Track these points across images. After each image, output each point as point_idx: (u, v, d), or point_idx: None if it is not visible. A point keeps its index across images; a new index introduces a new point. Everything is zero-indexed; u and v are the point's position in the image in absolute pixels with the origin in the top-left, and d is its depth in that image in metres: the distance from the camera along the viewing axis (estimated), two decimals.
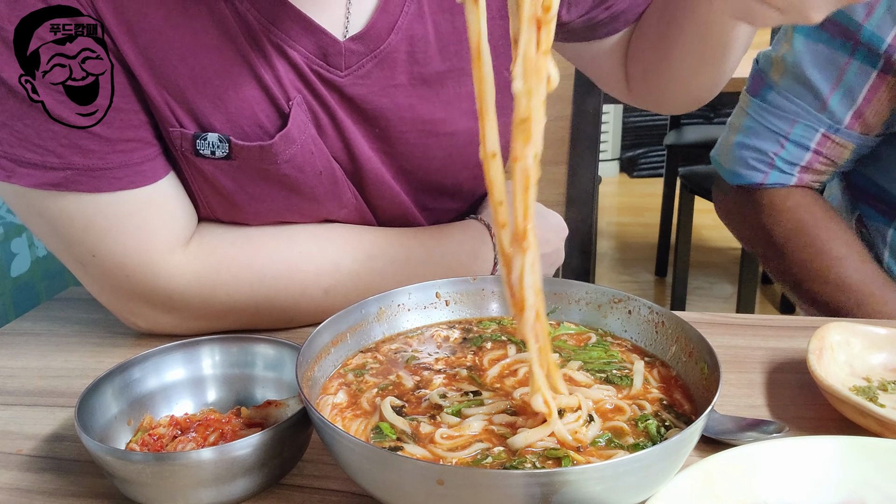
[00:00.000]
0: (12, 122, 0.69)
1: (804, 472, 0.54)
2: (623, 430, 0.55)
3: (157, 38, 0.71)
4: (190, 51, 0.72)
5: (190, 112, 0.74)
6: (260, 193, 0.80)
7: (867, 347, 0.73)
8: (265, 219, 0.83)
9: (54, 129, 0.69)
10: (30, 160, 0.70)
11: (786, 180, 1.13)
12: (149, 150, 0.75)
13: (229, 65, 0.73)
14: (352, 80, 0.78)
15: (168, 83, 0.73)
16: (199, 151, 0.76)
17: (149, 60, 0.71)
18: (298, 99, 0.76)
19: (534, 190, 0.49)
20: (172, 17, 0.70)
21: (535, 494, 0.45)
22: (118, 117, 0.72)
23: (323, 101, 0.78)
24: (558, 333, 0.69)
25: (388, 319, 0.69)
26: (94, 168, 0.72)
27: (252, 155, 0.76)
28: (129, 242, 0.76)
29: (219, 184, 0.79)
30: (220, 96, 0.74)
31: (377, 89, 0.79)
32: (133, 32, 0.70)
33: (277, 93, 0.75)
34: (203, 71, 0.73)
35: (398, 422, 0.56)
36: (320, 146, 0.79)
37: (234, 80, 0.73)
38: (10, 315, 1.16)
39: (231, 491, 0.56)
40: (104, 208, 0.74)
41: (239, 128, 0.75)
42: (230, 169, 0.77)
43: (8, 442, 0.67)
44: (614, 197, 4.54)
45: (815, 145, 1.10)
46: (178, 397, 0.67)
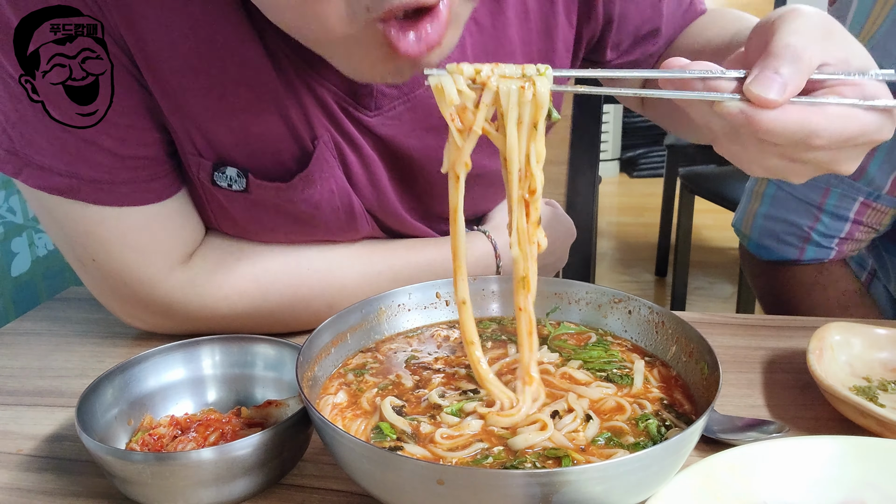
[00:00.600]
0: (24, 123, 0.69)
1: (804, 472, 0.54)
2: (623, 430, 0.55)
3: (184, 69, 0.69)
4: (216, 84, 0.70)
5: (211, 144, 0.73)
6: (274, 225, 0.79)
7: (867, 347, 0.73)
8: (275, 241, 0.82)
9: (65, 136, 0.69)
10: (38, 163, 0.70)
11: (824, 255, 1.01)
12: (159, 168, 0.74)
13: (256, 100, 0.71)
14: (381, 120, 0.76)
15: (191, 114, 0.71)
16: (215, 182, 0.75)
17: (173, 90, 0.70)
18: (326, 138, 0.74)
19: (535, 334, 0.58)
20: (201, 50, 0.68)
21: (535, 494, 0.45)
22: (132, 135, 0.71)
23: (350, 137, 0.76)
24: (558, 333, 0.69)
25: (388, 319, 0.69)
26: (101, 181, 0.71)
27: (269, 193, 0.75)
28: (129, 256, 0.76)
29: (232, 211, 0.78)
30: (244, 131, 0.72)
31: (407, 130, 0.77)
32: (158, 62, 0.68)
33: (303, 130, 0.73)
34: (228, 105, 0.71)
35: (398, 422, 0.56)
36: (342, 184, 0.77)
37: (260, 115, 0.71)
38: (10, 315, 1.16)
39: (231, 491, 0.56)
40: (107, 221, 0.73)
41: (260, 163, 0.74)
42: (245, 201, 0.76)
43: (8, 442, 0.67)
44: (614, 197, 4.53)
45: (855, 215, 0.97)
46: (178, 397, 0.67)
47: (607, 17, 0.85)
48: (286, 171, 0.75)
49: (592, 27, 0.85)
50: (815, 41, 0.53)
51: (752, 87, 0.50)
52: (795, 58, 0.51)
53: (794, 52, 0.51)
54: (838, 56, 0.54)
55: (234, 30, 0.68)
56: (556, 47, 0.83)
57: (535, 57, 0.82)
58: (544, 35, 0.81)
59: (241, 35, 0.68)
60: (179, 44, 0.68)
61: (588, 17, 0.84)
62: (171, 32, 0.67)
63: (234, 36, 0.68)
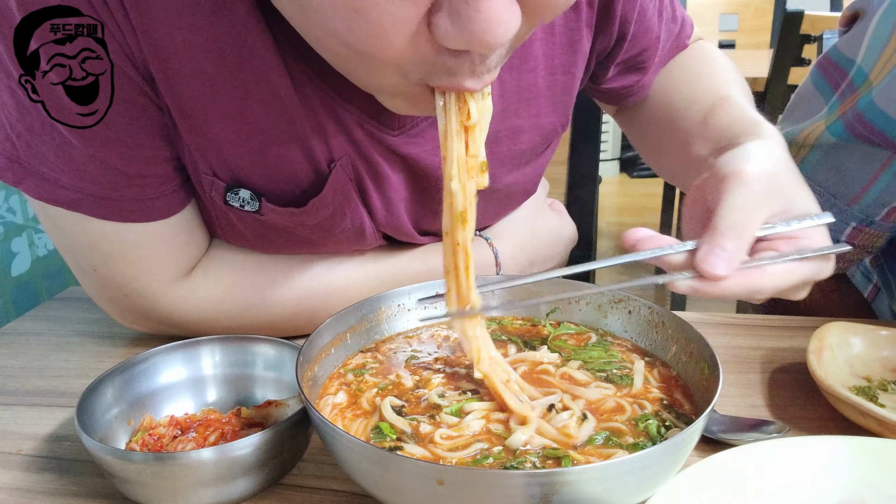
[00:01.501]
0: (32, 133, 0.68)
1: (804, 472, 0.54)
2: (622, 431, 0.55)
3: (207, 91, 0.68)
4: (237, 105, 0.69)
5: (226, 164, 0.72)
6: (283, 243, 0.79)
7: (867, 347, 0.73)
8: (282, 254, 0.82)
9: (71, 150, 0.68)
10: (43, 174, 0.69)
11: None
12: (167, 185, 0.73)
13: (276, 121, 0.70)
14: (405, 139, 0.75)
15: (210, 135, 0.70)
16: (228, 202, 0.74)
17: (192, 110, 0.69)
18: (343, 161, 0.73)
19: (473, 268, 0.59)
20: (225, 73, 0.67)
21: (535, 494, 0.45)
22: (140, 152, 0.70)
23: (369, 160, 0.75)
24: (558, 333, 0.69)
25: (388, 319, 0.69)
26: (106, 197, 0.70)
27: (282, 217, 0.75)
28: (130, 270, 0.75)
29: (242, 228, 0.77)
30: (262, 152, 0.71)
31: (430, 148, 0.77)
32: (180, 83, 0.67)
33: (321, 152, 0.72)
34: (247, 126, 0.70)
35: (398, 422, 0.56)
36: (354, 206, 0.77)
37: (278, 136, 0.71)
38: (10, 315, 1.16)
39: (231, 491, 0.56)
40: (109, 235, 0.73)
41: (275, 183, 0.73)
42: (256, 222, 0.76)
43: (8, 442, 0.67)
44: (614, 197, 4.53)
45: (847, 238, 0.95)
46: (178, 397, 0.67)
47: (621, 34, 0.85)
48: (301, 194, 0.74)
49: (606, 42, 0.85)
50: (758, 208, 0.58)
51: (703, 265, 0.55)
52: (738, 235, 0.56)
53: (737, 230, 0.56)
54: (779, 208, 0.59)
55: (259, 54, 0.67)
56: (577, 61, 0.83)
57: (558, 70, 0.81)
58: (569, 49, 0.81)
59: (265, 59, 0.67)
60: (204, 66, 0.67)
61: (604, 31, 0.83)
62: (195, 55, 0.66)
63: (260, 60, 0.67)
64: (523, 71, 0.78)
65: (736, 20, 3.36)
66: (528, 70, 0.79)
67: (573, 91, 0.85)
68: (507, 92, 0.78)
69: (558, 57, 0.81)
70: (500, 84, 0.78)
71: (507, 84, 0.78)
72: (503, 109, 0.79)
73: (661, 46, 0.92)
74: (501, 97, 0.78)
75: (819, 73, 0.93)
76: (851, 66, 0.87)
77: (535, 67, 0.79)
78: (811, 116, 0.92)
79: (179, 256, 0.77)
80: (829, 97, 0.90)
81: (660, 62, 0.93)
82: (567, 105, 0.85)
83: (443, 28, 0.48)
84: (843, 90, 0.88)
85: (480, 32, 0.46)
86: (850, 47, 0.88)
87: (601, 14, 0.82)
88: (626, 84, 0.93)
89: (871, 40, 0.86)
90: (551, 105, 0.83)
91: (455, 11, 0.47)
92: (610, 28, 0.83)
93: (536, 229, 0.96)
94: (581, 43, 0.82)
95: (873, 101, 0.83)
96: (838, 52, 0.90)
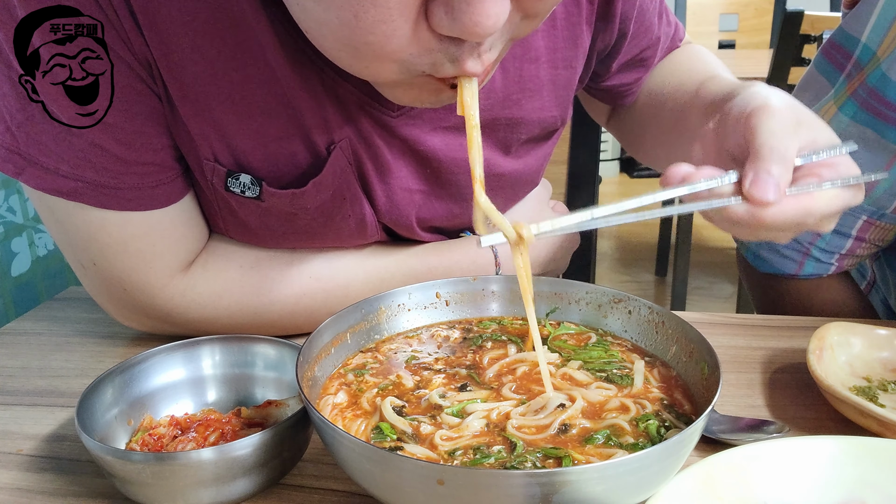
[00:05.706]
0: (32, 123, 0.68)
1: (804, 472, 0.54)
2: (623, 430, 0.55)
3: (208, 74, 0.69)
4: (238, 89, 0.70)
5: (228, 147, 0.73)
6: (284, 231, 0.79)
7: (867, 347, 0.73)
8: (283, 246, 0.82)
9: (71, 139, 0.68)
10: (42, 163, 0.69)
11: (823, 270, 0.98)
12: (166, 174, 0.73)
13: (275, 103, 0.71)
14: (404, 120, 0.76)
15: (211, 118, 0.71)
16: (229, 188, 0.75)
17: (194, 94, 0.69)
18: (343, 144, 0.74)
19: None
20: (224, 54, 0.68)
21: (535, 494, 0.45)
22: (139, 140, 0.70)
23: (370, 143, 0.75)
24: (558, 333, 0.69)
25: (388, 319, 0.69)
26: (105, 185, 0.71)
27: (283, 200, 0.75)
28: (129, 262, 0.75)
29: (243, 216, 0.78)
30: (262, 134, 0.72)
31: (429, 129, 0.77)
32: (182, 67, 0.68)
33: (321, 133, 0.73)
34: (248, 108, 0.71)
35: (398, 422, 0.56)
36: (354, 191, 0.77)
37: (279, 118, 0.71)
38: (10, 315, 1.16)
39: (231, 491, 0.56)
40: (109, 226, 0.73)
41: (275, 166, 0.74)
42: (257, 208, 0.76)
43: (8, 442, 0.67)
44: (614, 197, 4.51)
45: (858, 232, 0.94)
46: (178, 397, 0.67)
47: (621, 32, 0.86)
48: (301, 175, 0.75)
49: (606, 40, 0.86)
50: (792, 136, 0.58)
51: (753, 191, 0.56)
52: (781, 158, 0.56)
53: (780, 153, 0.57)
54: (808, 139, 0.60)
55: (259, 35, 0.67)
56: (577, 55, 0.83)
57: (560, 64, 0.82)
58: (570, 43, 0.82)
59: (266, 40, 0.68)
60: (204, 48, 0.68)
61: (604, 28, 0.84)
62: (195, 37, 0.67)
63: (260, 41, 0.68)
64: (525, 60, 0.79)
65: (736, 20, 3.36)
66: (529, 60, 0.79)
67: (574, 85, 0.86)
68: (510, 80, 0.79)
69: (561, 50, 0.81)
70: (503, 72, 0.78)
71: (510, 73, 0.79)
72: (504, 98, 0.80)
73: (660, 46, 0.92)
74: (504, 86, 0.79)
75: (823, 57, 0.94)
76: (856, 45, 0.88)
77: (537, 58, 0.80)
78: (817, 101, 0.93)
79: (178, 248, 0.77)
80: (834, 79, 0.91)
81: (660, 53, 0.95)
82: (567, 99, 0.86)
83: (438, 16, 0.52)
84: (850, 70, 0.89)
85: (471, 24, 0.50)
86: (854, 26, 0.88)
87: (601, 11, 0.82)
88: (627, 81, 0.94)
89: (878, 17, 0.86)
90: (554, 98, 0.83)
91: (449, 2, 0.51)
92: (610, 26, 0.84)
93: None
94: (581, 38, 0.82)
95: (885, 73, 0.83)
96: (842, 31, 0.90)
